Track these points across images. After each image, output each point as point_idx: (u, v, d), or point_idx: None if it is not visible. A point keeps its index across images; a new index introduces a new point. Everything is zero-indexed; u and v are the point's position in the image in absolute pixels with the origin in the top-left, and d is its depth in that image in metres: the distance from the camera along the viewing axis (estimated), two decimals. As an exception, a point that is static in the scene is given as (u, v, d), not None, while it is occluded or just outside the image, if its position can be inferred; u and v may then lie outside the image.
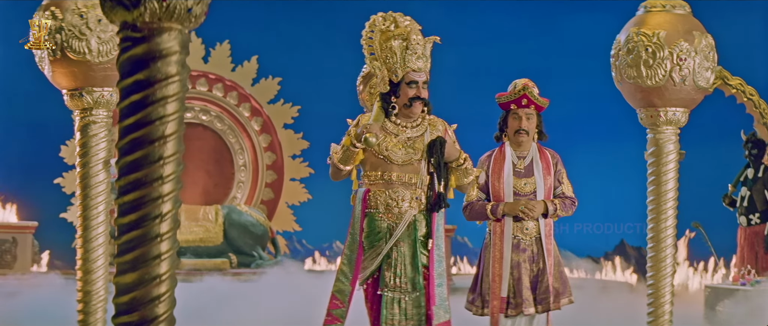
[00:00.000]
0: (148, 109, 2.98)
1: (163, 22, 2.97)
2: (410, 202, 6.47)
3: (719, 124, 14.35)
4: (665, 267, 6.59)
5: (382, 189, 6.50)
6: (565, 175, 7.47)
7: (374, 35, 6.47)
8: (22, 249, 12.07)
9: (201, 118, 14.95)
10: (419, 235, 6.47)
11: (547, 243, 7.33)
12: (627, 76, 6.56)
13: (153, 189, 2.99)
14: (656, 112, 6.63)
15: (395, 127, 6.59)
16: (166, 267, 3.02)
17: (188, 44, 3.05)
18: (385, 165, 6.52)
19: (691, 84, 6.52)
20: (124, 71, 3.01)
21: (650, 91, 6.49)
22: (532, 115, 7.36)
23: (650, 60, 6.46)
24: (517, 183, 7.33)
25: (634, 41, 6.51)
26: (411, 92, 6.52)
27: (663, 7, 6.63)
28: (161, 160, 2.99)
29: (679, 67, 6.46)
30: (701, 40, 6.59)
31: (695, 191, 13.63)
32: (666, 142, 6.66)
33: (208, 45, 15.08)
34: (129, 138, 3.00)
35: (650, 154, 6.71)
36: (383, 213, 6.47)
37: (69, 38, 5.38)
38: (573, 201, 7.48)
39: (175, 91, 3.02)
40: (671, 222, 6.62)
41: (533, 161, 7.37)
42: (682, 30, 6.52)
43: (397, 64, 6.42)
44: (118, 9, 2.97)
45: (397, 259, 6.40)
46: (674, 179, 6.68)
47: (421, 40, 6.50)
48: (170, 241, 3.03)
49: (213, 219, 13.98)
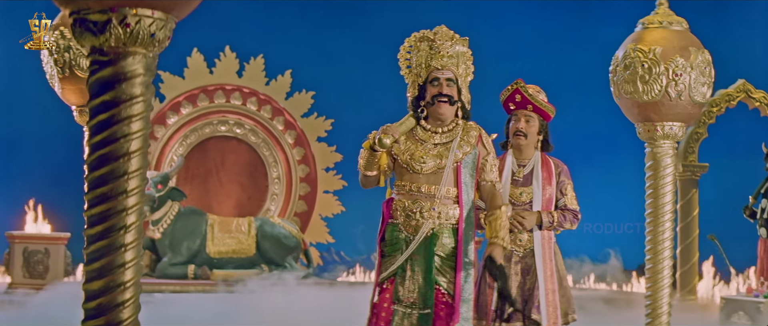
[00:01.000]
0: (114, 128, 3.21)
1: (128, 47, 3.20)
2: (430, 214, 6.07)
3: (742, 137, 14.39)
4: (662, 278, 6.72)
5: (405, 200, 6.13)
6: (570, 187, 7.02)
7: (412, 49, 6.28)
8: (55, 260, 12.34)
9: (235, 132, 15.24)
10: (436, 250, 6.06)
11: (544, 256, 6.89)
12: (624, 91, 6.71)
13: (118, 203, 3.21)
14: (653, 126, 6.76)
15: (425, 134, 6.21)
16: (130, 275, 3.24)
17: (153, 67, 3.28)
18: (410, 174, 6.14)
19: (687, 99, 6.64)
20: (92, 92, 3.24)
21: (647, 106, 6.63)
22: (531, 117, 6.94)
23: (646, 75, 6.60)
24: (514, 192, 6.93)
25: (631, 57, 6.66)
26: (433, 90, 6.15)
27: (660, 23, 6.77)
28: (126, 175, 3.21)
29: (675, 83, 6.59)
30: (697, 56, 6.71)
31: (716, 202, 13.72)
32: (663, 156, 6.77)
33: (242, 59, 15.35)
34: (96, 154, 3.23)
35: (648, 167, 6.84)
36: (402, 223, 6.14)
37: (77, 57, 5.66)
38: (575, 215, 7.00)
39: (139, 110, 3.25)
40: (668, 234, 6.74)
41: (534, 170, 6.95)
42: (678, 46, 6.65)
43: (422, 65, 6.18)
44: (87, 34, 3.21)
45: (411, 273, 6.06)
46: (671, 192, 6.79)
47: (448, 39, 6.21)
48: (135, 251, 3.25)
49: (246, 231, 14.22)
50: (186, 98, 15.03)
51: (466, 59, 6.24)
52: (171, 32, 3.25)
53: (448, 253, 6.09)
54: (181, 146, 14.91)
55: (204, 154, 15.17)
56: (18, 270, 12.33)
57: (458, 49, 6.19)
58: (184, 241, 13.87)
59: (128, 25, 3.16)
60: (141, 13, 3.16)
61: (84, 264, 3.31)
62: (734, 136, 14.42)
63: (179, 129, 14.96)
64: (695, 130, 13.24)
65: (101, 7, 3.14)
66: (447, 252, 6.09)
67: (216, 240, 14.13)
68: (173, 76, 15.00)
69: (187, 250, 13.87)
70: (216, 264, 13.95)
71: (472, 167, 6.18)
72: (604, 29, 11.98)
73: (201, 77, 15.16)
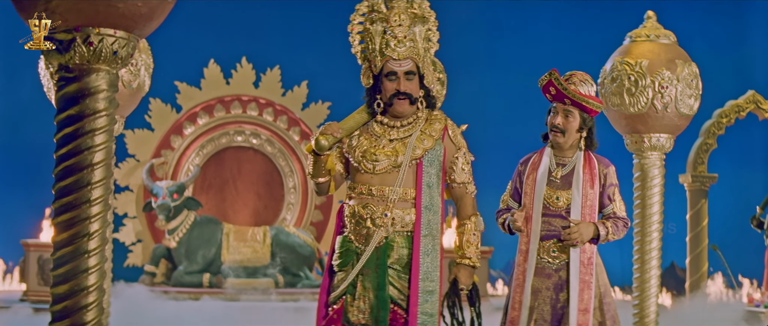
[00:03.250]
0: (79, 140, 3.40)
1: (92, 64, 3.38)
2: (382, 221, 5.08)
3: (752, 148, 14.44)
4: (650, 288, 6.84)
5: (356, 205, 5.14)
6: (618, 191, 5.92)
7: (364, 19, 5.20)
8: (72, 267, 12.52)
9: (252, 142, 15.40)
10: (390, 262, 5.12)
11: (585, 271, 5.81)
12: (611, 103, 6.87)
13: (82, 211, 3.40)
14: (641, 138, 6.89)
15: (380, 128, 5.20)
16: (94, 279, 3.42)
17: (117, 82, 3.46)
18: (362, 175, 5.14)
19: (674, 111, 6.78)
20: (59, 107, 3.43)
21: (634, 118, 6.78)
22: (570, 111, 5.82)
23: (633, 88, 6.74)
24: (549, 195, 5.87)
25: (618, 70, 6.80)
26: (390, 86, 5.12)
27: (647, 36, 6.92)
28: (90, 185, 3.40)
29: (661, 95, 6.73)
30: (684, 69, 6.85)
31: (725, 213, 13.77)
32: (651, 166, 6.91)
33: (259, 70, 15.51)
34: (62, 166, 3.41)
35: (635, 178, 6.97)
36: (352, 232, 5.17)
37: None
38: (625, 223, 5.90)
39: (103, 124, 3.43)
40: (656, 244, 6.87)
41: (574, 171, 5.87)
42: (665, 59, 6.80)
43: (375, 53, 5.11)
44: (53, 53, 3.40)
45: (362, 291, 5.13)
46: (659, 203, 6.91)
47: (407, 21, 5.15)
48: (98, 257, 3.43)
49: (261, 240, 14.36)
50: (203, 108, 15.22)
51: (427, 33, 5.21)
52: (134, 50, 3.42)
53: (404, 266, 5.15)
54: (197, 156, 15.10)
55: (220, 164, 15.35)
56: (33, 278, 12.55)
57: (417, 29, 5.16)
58: (200, 250, 14.04)
59: (92, 44, 3.34)
60: (104, 32, 3.34)
61: (50, 269, 3.49)
62: (744, 146, 14.46)
63: (196, 139, 15.14)
64: (705, 140, 13.31)
65: (66, 26, 3.32)
66: (403, 265, 5.15)
67: (231, 249, 14.28)
68: (190, 87, 15.19)
69: (203, 259, 14.03)
70: (231, 273, 14.10)
71: (438, 166, 5.22)
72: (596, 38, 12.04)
73: (218, 88, 15.34)
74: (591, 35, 14.01)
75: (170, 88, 14.95)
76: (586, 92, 5.79)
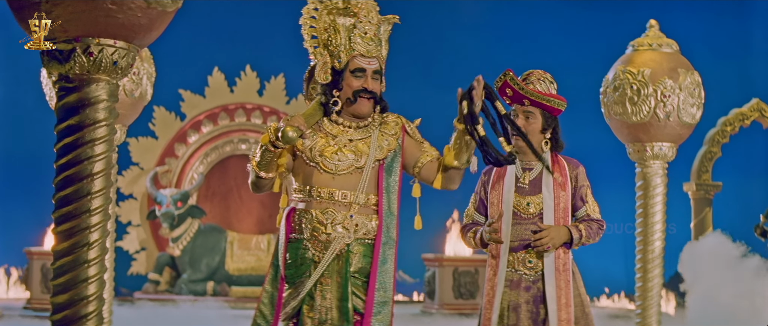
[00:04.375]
0: (78, 150, 3.40)
1: (92, 74, 3.39)
2: (343, 226, 4.80)
3: (756, 156, 14.42)
4: (652, 297, 6.83)
5: (310, 209, 4.82)
6: (590, 192, 5.58)
7: (318, 14, 4.94)
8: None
9: (256, 150, 15.39)
10: (352, 270, 4.82)
11: (558, 280, 5.45)
12: (614, 112, 6.86)
13: (82, 221, 3.40)
14: (643, 146, 6.89)
15: (335, 128, 4.91)
16: (94, 289, 3.42)
17: (116, 92, 3.46)
18: (318, 175, 4.82)
19: (676, 120, 6.78)
20: (59, 117, 3.43)
21: (636, 127, 6.78)
22: (531, 112, 5.49)
23: (635, 97, 6.74)
24: (519, 202, 5.51)
25: (621, 79, 6.81)
26: (356, 83, 4.85)
27: (650, 45, 6.92)
28: (90, 195, 3.40)
29: (663, 104, 6.73)
30: (686, 78, 6.85)
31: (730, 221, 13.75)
32: (653, 175, 6.90)
33: (263, 78, 15.55)
34: (62, 175, 3.41)
35: (638, 187, 6.96)
36: (308, 239, 4.82)
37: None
38: (600, 225, 5.54)
39: (103, 134, 3.43)
40: (658, 252, 6.86)
41: (542, 174, 5.53)
42: (667, 68, 6.80)
43: (341, 47, 4.86)
44: (53, 62, 3.40)
45: (321, 301, 4.79)
46: (661, 212, 6.91)
47: (375, 19, 4.93)
48: (98, 266, 3.43)
49: (265, 248, 14.40)
50: (207, 117, 15.24)
51: (388, 38, 5.01)
52: (134, 60, 3.43)
53: (366, 276, 4.84)
54: (201, 164, 15.12)
55: (225, 172, 15.36)
56: (36, 286, 12.56)
57: (383, 28, 4.97)
58: (204, 258, 14.06)
59: (92, 54, 3.34)
60: (103, 42, 3.34)
61: (50, 279, 3.50)
62: (748, 155, 14.45)
63: (200, 147, 15.17)
64: (709, 148, 13.31)
65: (66, 37, 3.32)
66: (366, 275, 4.84)
67: (235, 257, 14.30)
68: (194, 95, 15.22)
69: (207, 267, 14.05)
70: (235, 281, 14.11)
71: (395, 172, 4.94)
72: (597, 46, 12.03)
73: (222, 96, 15.37)
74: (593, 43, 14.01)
75: (174, 96, 14.98)
76: (545, 90, 5.48)
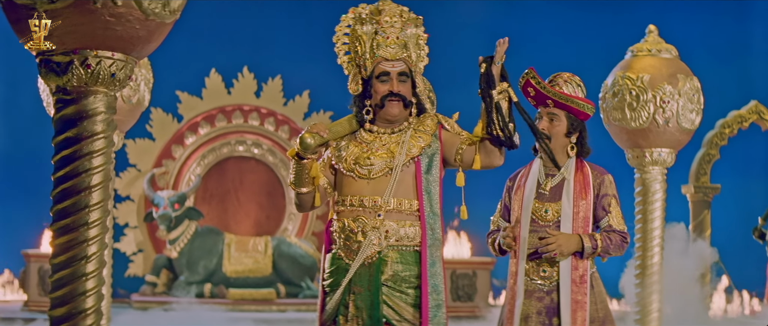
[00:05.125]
0: (76, 163, 3.38)
1: (89, 86, 3.37)
2: (374, 232, 4.71)
3: (754, 158, 14.41)
4: (652, 303, 6.82)
5: (343, 218, 4.79)
6: (616, 202, 5.31)
7: (350, 30, 4.92)
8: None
9: (253, 152, 15.38)
10: (383, 279, 4.73)
11: (576, 290, 5.20)
12: (613, 118, 6.85)
13: (80, 234, 3.38)
14: (642, 152, 6.88)
15: (370, 135, 4.85)
16: (92, 302, 3.41)
17: (114, 104, 3.45)
18: (352, 183, 4.78)
19: (675, 125, 6.77)
20: (57, 129, 3.42)
21: (635, 133, 6.77)
22: (556, 115, 5.27)
23: (634, 103, 6.73)
24: (537, 208, 5.28)
25: (620, 85, 6.79)
26: (382, 88, 4.77)
27: (649, 51, 6.90)
28: (88, 208, 3.38)
29: (663, 110, 6.72)
30: (686, 83, 6.83)
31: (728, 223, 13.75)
32: (652, 181, 6.89)
33: (260, 80, 15.49)
34: (60, 188, 3.40)
35: (637, 193, 6.95)
36: (341, 249, 4.82)
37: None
38: (624, 237, 5.27)
39: (101, 146, 3.41)
40: (657, 259, 6.85)
41: (565, 181, 5.28)
42: (666, 73, 6.79)
43: (366, 55, 4.80)
44: (51, 75, 3.39)
45: (355, 311, 4.75)
46: (660, 218, 6.90)
47: (399, 22, 4.84)
48: (96, 279, 3.41)
49: (262, 250, 14.35)
50: (204, 118, 15.20)
51: (419, 41, 4.91)
52: (132, 72, 3.41)
53: (398, 283, 4.77)
54: (198, 166, 15.08)
55: (222, 174, 15.32)
56: (34, 289, 12.54)
57: (410, 31, 4.86)
58: (201, 260, 14.02)
59: (89, 66, 3.33)
60: (101, 54, 3.33)
61: (49, 292, 3.48)
62: (747, 157, 14.44)
63: (197, 149, 15.12)
64: (707, 151, 13.29)
65: (64, 49, 3.31)
66: (398, 282, 4.77)
67: (233, 260, 14.26)
68: (191, 97, 15.18)
69: (204, 269, 14.01)
70: (232, 284, 14.09)
71: (435, 172, 4.84)
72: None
73: (219, 97, 15.32)
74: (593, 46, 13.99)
75: (171, 98, 14.93)
76: (572, 92, 5.28)
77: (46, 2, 3.19)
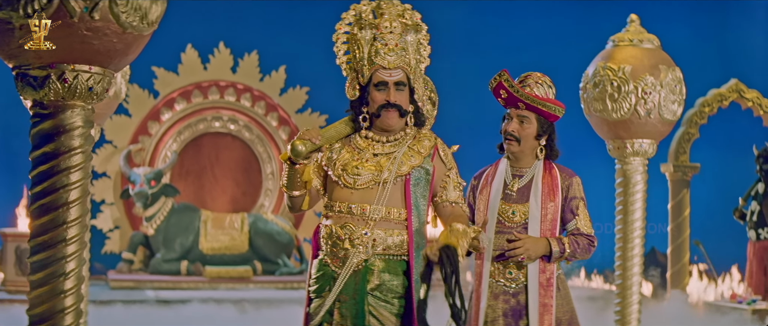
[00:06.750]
0: (54, 178, 3.31)
1: (67, 101, 3.29)
2: (361, 240, 4.69)
3: (734, 137, 14.41)
4: (631, 294, 6.80)
5: (333, 225, 4.75)
6: (583, 205, 5.30)
7: (351, 28, 4.84)
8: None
9: (229, 128, 15.30)
10: (369, 288, 4.69)
11: (542, 296, 5.20)
12: (593, 109, 6.79)
13: (58, 251, 3.32)
14: (623, 143, 6.83)
15: (364, 142, 4.84)
16: (70, 319, 3.34)
17: (92, 118, 3.37)
18: (339, 190, 4.76)
19: (657, 117, 6.71)
20: (34, 144, 3.34)
21: (616, 124, 6.71)
22: (526, 117, 5.25)
23: (615, 94, 6.67)
24: (503, 210, 5.26)
25: (601, 75, 6.73)
26: (379, 97, 4.75)
27: (631, 41, 6.83)
28: (65, 224, 3.31)
29: (644, 101, 6.67)
30: (668, 74, 6.78)
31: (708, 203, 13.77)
32: (633, 172, 6.84)
33: (236, 55, 15.39)
34: (38, 204, 3.33)
35: (618, 184, 6.91)
36: (327, 256, 4.77)
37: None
38: (590, 241, 5.26)
39: (78, 161, 3.34)
40: (638, 250, 6.82)
41: (532, 183, 5.26)
42: (648, 64, 6.72)
43: (363, 61, 4.74)
44: (28, 88, 3.31)
45: (340, 319, 4.72)
46: (641, 209, 6.86)
47: (398, 27, 4.77)
48: (74, 297, 3.35)
49: (238, 227, 14.30)
50: (180, 94, 15.09)
51: (419, 45, 4.84)
52: (109, 84, 3.33)
53: (385, 293, 4.73)
54: (175, 142, 14.98)
55: (198, 150, 15.24)
56: (10, 268, 12.45)
57: (409, 38, 4.79)
58: (178, 237, 13.97)
59: (66, 81, 3.25)
60: (78, 68, 3.25)
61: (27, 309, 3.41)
62: (726, 136, 14.45)
63: (173, 125, 15.02)
64: (687, 130, 13.28)
65: (40, 63, 3.23)
66: (384, 292, 4.72)
67: (209, 237, 14.21)
68: (167, 72, 15.06)
69: (180, 246, 13.96)
70: (209, 261, 14.04)
71: (424, 186, 4.80)
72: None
73: (195, 73, 15.21)
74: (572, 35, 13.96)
75: (148, 74, 14.82)
76: (543, 94, 5.25)
77: (22, 17, 3.10)
